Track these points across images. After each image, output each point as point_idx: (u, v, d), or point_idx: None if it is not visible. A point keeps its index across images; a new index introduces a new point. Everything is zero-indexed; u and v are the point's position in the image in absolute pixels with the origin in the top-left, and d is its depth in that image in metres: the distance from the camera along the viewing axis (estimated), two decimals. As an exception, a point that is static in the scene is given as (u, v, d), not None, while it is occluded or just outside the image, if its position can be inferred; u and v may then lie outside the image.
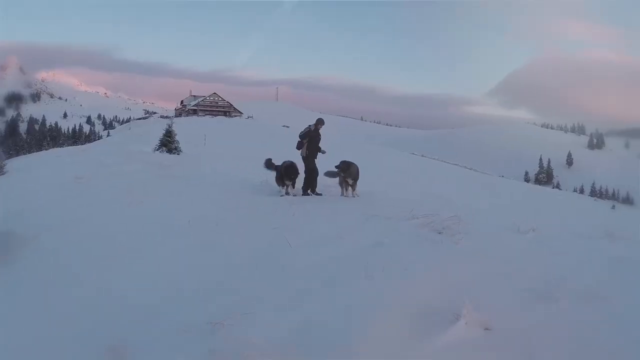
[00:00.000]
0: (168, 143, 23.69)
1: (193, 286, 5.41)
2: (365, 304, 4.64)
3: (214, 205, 10.00)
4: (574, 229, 11.40)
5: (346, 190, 11.91)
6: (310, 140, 12.31)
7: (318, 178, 12.31)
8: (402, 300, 4.71)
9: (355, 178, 11.81)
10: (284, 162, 11.99)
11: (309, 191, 12.18)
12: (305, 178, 12.23)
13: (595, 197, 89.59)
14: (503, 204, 22.47)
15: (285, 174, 11.78)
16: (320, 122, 12.63)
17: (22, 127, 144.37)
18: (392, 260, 5.77)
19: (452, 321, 4.27)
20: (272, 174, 12.40)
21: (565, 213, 25.24)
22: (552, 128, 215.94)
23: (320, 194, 12.25)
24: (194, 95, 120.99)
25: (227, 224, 8.10)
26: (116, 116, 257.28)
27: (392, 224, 7.97)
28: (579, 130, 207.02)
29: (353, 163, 11.81)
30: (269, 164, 12.67)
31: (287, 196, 11.57)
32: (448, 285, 5.14)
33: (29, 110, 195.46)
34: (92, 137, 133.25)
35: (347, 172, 11.70)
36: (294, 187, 12.03)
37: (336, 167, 11.74)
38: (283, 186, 11.86)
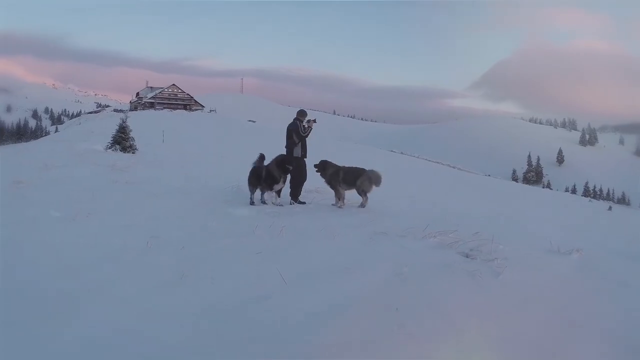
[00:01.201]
0: (122, 140, 23.06)
1: (154, 352, 3.88)
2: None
3: (177, 219, 8.80)
4: (613, 244, 10.47)
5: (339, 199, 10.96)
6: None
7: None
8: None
9: (330, 182, 11.00)
10: (274, 158, 10.78)
11: (291, 200, 11.26)
12: (294, 183, 11.33)
13: (589, 198, 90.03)
14: (508, 210, 21.67)
15: (280, 167, 10.52)
16: (302, 114, 11.65)
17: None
18: (425, 304, 4.61)
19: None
20: (244, 179, 11.17)
21: (581, 220, 24.59)
22: (541, 123, 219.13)
23: (304, 202, 11.32)
24: (151, 87, 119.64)
25: (196, 247, 6.83)
26: (65, 110, 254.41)
27: (406, 245, 6.96)
28: (570, 125, 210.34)
29: (337, 166, 11.07)
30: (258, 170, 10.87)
31: (264, 205, 10.55)
32: (513, 344, 4.03)
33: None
34: (38, 132, 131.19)
35: (322, 173, 11.08)
36: (279, 196, 10.99)
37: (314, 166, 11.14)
38: (270, 189, 10.69)
